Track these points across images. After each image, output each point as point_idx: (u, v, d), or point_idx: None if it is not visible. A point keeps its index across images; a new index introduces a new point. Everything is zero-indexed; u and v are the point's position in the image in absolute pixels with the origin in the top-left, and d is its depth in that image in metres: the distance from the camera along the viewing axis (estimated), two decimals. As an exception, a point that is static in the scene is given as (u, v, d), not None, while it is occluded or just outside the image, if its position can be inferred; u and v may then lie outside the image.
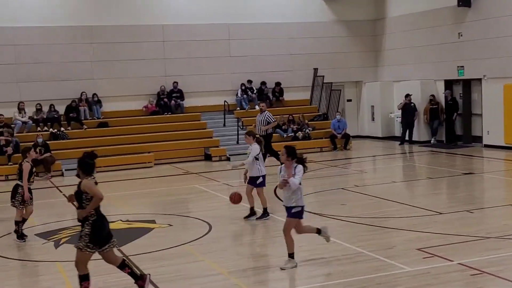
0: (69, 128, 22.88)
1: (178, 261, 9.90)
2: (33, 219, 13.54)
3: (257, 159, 12.54)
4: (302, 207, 9.11)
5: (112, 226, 12.30)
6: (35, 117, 22.65)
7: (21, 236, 11.56)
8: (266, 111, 19.68)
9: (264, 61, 26.10)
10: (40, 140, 20.73)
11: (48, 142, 21.21)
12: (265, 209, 12.60)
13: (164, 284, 8.60)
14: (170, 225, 12.35)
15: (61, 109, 23.02)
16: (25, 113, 22.47)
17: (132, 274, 7.95)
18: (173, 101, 24.70)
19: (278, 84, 26.18)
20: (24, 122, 22.33)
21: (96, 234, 7.66)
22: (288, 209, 9.10)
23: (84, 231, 7.66)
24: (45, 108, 22.82)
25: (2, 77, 22.70)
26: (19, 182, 11.55)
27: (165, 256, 10.31)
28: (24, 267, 9.94)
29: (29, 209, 11.68)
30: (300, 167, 9.17)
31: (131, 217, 13.24)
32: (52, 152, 20.84)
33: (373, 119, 27.35)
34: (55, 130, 22.48)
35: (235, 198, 12.18)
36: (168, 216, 13.11)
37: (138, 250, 10.56)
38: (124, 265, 7.94)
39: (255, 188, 12.55)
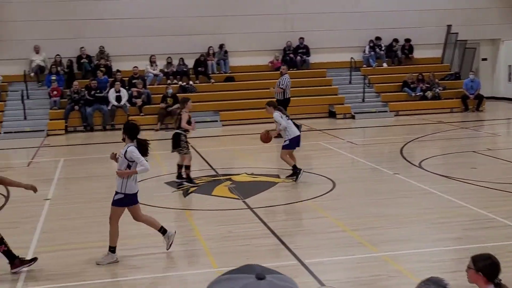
0: (197, 81, 23.43)
1: (301, 216, 9.95)
2: (163, 169, 14.11)
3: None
4: (128, 195, 7.90)
5: (237, 178, 12.64)
6: (165, 70, 23.37)
7: (191, 180, 12.02)
8: (286, 75, 18.75)
9: (393, 17, 25.25)
10: (169, 91, 21.41)
11: (177, 94, 21.85)
12: (294, 166, 12.17)
13: (288, 237, 8.67)
14: (294, 181, 12.38)
15: (190, 62, 23.58)
16: (156, 66, 23.24)
17: (7, 252, 7.48)
18: (298, 57, 24.59)
19: (407, 40, 25.32)
20: (155, 75, 23.12)
21: None
22: (115, 194, 8.04)
23: None
24: (175, 62, 23.46)
25: (136, 31, 23.50)
26: (178, 131, 11.98)
27: (288, 210, 10.39)
28: (155, 213, 10.35)
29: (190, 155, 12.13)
30: (131, 150, 7.87)
31: (256, 171, 13.42)
32: (181, 104, 21.46)
33: (510, 79, 25.85)
34: (184, 83, 23.09)
35: (263, 138, 12.40)
36: (292, 171, 13.14)
37: (262, 203, 10.70)
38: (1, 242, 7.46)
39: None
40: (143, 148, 7.99)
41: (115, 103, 21.21)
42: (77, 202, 11.40)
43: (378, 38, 25.06)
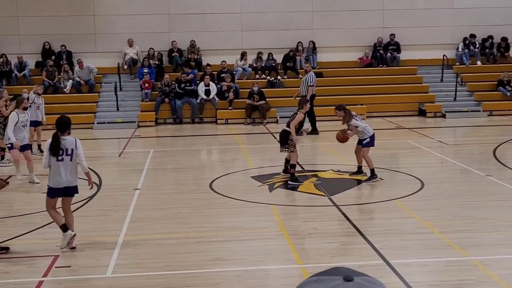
0: (285, 77, 23.44)
1: (388, 215, 9.76)
2: (249, 163, 14.22)
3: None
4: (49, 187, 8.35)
5: (323, 175, 12.56)
6: (254, 64, 23.51)
7: (294, 178, 11.75)
8: (310, 72, 18.72)
9: (490, 14, 24.36)
10: (255, 88, 21.47)
11: (264, 89, 21.91)
12: (372, 170, 11.93)
13: (374, 237, 8.53)
14: (381, 179, 12.17)
15: (279, 58, 23.61)
16: (246, 60, 23.40)
17: None
18: (389, 54, 24.15)
19: (504, 39, 24.35)
20: (244, 69, 23.29)
21: None
22: None
23: None
24: (264, 57, 23.55)
25: (227, 25, 23.76)
26: (287, 129, 11.93)
27: (375, 209, 10.22)
28: (242, 206, 10.46)
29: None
30: (46, 145, 8.31)
31: (342, 168, 13.28)
32: (267, 99, 21.55)
33: None
34: (272, 78, 23.16)
35: (340, 138, 12.19)
36: (379, 169, 12.92)
37: (348, 201, 10.59)
38: None
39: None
40: (53, 143, 8.22)
41: (204, 97, 21.53)
42: (165, 192, 11.65)
43: (472, 36, 24.26)
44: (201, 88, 21.62)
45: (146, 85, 21.98)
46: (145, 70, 22.24)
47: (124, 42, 23.38)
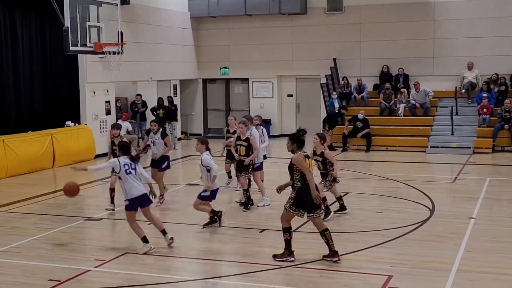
0: None
1: None
2: None
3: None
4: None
5: None
6: None
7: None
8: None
9: None
10: None
11: None
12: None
13: None
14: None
15: None
16: None
17: (327, 244, 8.60)
18: None
19: None
20: None
21: (298, 200, 8.50)
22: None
23: (291, 195, 8.59)
24: None
25: None
26: None
27: None
28: None
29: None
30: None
31: None
32: None
33: None
34: None
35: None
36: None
37: None
38: (323, 234, 8.60)
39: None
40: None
41: (549, 125, 19.83)
42: (501, 224, 10.98)
43: None
44: (547, 115, 19.97)
45: (484, 110, 21.10)
46: (484, 95, 21.37)
47: (463, 66, 22.83)
